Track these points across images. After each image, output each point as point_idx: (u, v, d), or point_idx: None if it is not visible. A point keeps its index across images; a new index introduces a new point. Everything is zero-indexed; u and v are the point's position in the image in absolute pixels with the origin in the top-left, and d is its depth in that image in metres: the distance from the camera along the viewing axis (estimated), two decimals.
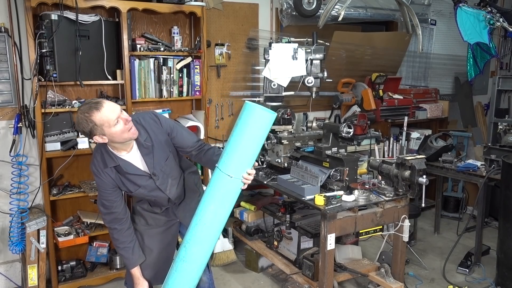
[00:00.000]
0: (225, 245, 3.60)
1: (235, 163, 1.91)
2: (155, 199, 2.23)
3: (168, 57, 3.38)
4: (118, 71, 3.17)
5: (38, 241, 2.93)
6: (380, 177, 2.83)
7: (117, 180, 2.09)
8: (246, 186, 1.96)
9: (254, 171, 1.96)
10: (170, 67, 3.38)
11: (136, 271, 2.22)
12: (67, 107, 3.03)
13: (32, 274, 2.95)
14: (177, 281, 2.03)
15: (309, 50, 3.11)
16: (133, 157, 2.09)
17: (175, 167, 2.23)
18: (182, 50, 3.44)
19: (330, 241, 2.48)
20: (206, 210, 1.96)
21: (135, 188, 2.13)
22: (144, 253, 2.25)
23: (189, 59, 3.45)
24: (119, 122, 1.92)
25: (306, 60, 3.10)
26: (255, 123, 1.88)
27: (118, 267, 3.34)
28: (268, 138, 3.27)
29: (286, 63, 3.06)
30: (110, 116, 1.89)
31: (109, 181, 2.07)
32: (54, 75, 2.89)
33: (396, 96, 4.51)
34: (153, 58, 3.31)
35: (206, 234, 1.99)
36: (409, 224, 2.79)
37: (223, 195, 1.96)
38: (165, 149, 2.15)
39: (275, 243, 3.30)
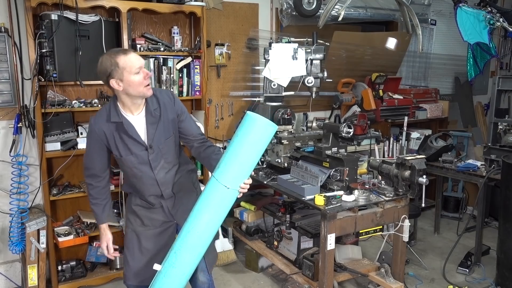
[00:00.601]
0: (225, 245, 3.60)
1: (233, 174, 1.89)
2: (141, 177, 2.15)
3: (168, 57, 3.38)
4: None
5: (38, 241, 2.93)
6: (380, 177, 2.83)
7: (112, 139, 2.07)
8: (241, 195, 1.95)
9: (250, 181, 1.95)
10: (170, 67, 3.38)
11: (103, 225, 2.26)
12: (67, 107, 3.03)
13: (32, 274, 2.95)
14: (164, 286, 2.00)
15: (309, 50, 3.11)
16: (138, 121, 2.08)
17: (172, 152, 2.19)
18: (182, 50, 3.44)
19: (330, 241, 2.48)
20: (199, 219, 1.94)
21: (127, 153, 2.09)
22: (140, 254, 2.23)
23: (189, 59, 3.45)
24: (140, 73, 1.95)
25: (306, 60, 3.11)
26: (256, 135, 1.85)
27: (118, 267, 3.34)
28: None
29: (286, 63, 3.07)
30: (135, 63, 1.94)
31: (100, 134, 2.06)
32: (54, 75, 2.89)
33: (396, 96, 4.51)
34: (153, 58, 3.31)
35: (197, 242, 1.97)
36: (409, 224, 2.79)
37: (218, 205, 1.94)
38: (169, 128, 2.13)
39: (275, 243, 3.30)
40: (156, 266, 2.04)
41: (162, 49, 3.33)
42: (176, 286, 2.02)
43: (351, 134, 2.85)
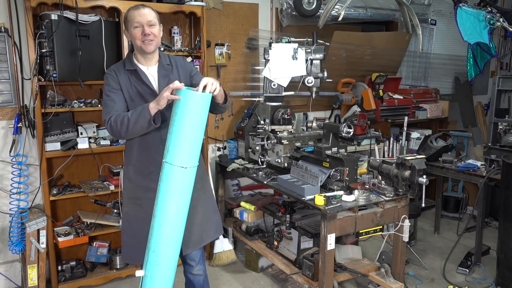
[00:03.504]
0: (225, 245, 3.60)
1: (186, 152, 1.88)
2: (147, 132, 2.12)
3: None
4: None
5: (38, 241, 2.93)
6: (380, 177, 2.83)
7: (125, 82, 2.16)
8: (216, 90, 1.97)
9: (207, 80, 1.93)
10: None
11: (149, 104, 2.00)
12: (67, 107, 3.03)
13: (32, 274, 2.95)
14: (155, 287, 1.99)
15: (309, 50, 3.11)
16: (150, 72, 2.20)
17: None
18: (182, 50, 3.44)
19: (330, 241, 2.48)
20: (168, 210, 1.92)
21: (138, 97, 2.15)
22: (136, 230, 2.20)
23: (189, 59, 3.44)
24: (137, 28, 2.10)
25: (306, 60, 3.11)
26: (194, 108, 1.88)
27: (118, 267, 3.34)
28: (268, 138, 3.27)
29: (286, 63, 3.06)
30: (135, 18, 2.10)
31: (115, 81, 2.16)
32: (54, 75, 2.88)
33: (396, 96, 4.51)
34: None
35: (173, 232, 1.95)
36: (409, 224, 2.79)
37: (181, 188, 1.92)
38: (181, 81, 2.10)
39: (275, 243, 3.30)
40: (139, 273, 2.02)
41: (162, 49, 3.33)
42: (166, 283, 2.02)
43: (351, 134, 2.85)
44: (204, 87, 1.93)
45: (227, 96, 2.22)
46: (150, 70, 2.21)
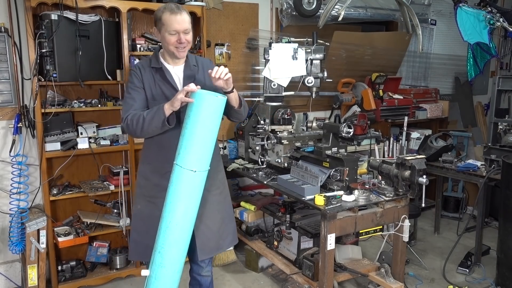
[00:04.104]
0: None
1: (196, 156, 1.86)
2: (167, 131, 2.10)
3: None
4: (118, 71, 3.17)
5: (38, 241, 2.93)
6: (380, 177, 2.83)
7: (148, 82, 2.15)
8: (228, 76, 2.00)
9: (226, 69, 2.00)
10: None
11: (164, 105, 2.00)
12: (67, 107, 3.03)
13: (32, 274, 2.95)
14: None
15: (309, 50, 3.11)
16: (176, 72, 2.19)
17: None
18: None
19: (330, 241, 2.48)
20: (176, 212, 1.91)
21: (161, 96, 2.13)
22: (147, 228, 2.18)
23: None
24: (174, 35, 2.05)
25: (306, 60, 3.11)
26: (207, 111, 1.85)
27: (118, 267, 3.34)
28: (268, 138, 3.27)
29: (286, 63, 3.06)
30: (173, 24, 2.04)
31: (138, 78, 2.14)
32: (54, 75, 2.89)
33: (396, 96, 4.51)
34: None
35: (180, 234, 1.94)
36: (409, 224, 2.79)
37: (190, 192, 1.91)
38: (205, 85, 2.11)
39: (275, 243, 3.30)
40: (144, 272, 2.02)
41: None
42: (171, 284, 2.01)
43: (351, 134, 2.85)
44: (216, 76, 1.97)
45: (242, 101, 2.19)
46: (176, 69, 2.20)
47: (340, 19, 3.32)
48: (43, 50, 2.84)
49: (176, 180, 1.90)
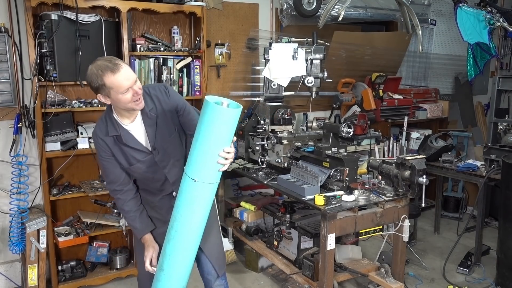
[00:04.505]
0: (225, 245, 3.59)
1: (198, 166, 1.76)
2: (152, 177, 2.09)
3: (168, 57, 3.38)
4: None
5: (38, 241, 2.93)
6: (380, 177, 2.83)
7: (115, 151, 2.00)
8: (225, 167, 1.77)
9: (233, 149, 1.77)
10: (170, 67, 3.38)
11: (146, 237, 2.10)
12: (67, 107, 3.03)
13: (32, 274, 2.95)
14: None
15: (309, 50, 3.11)
16: (136, 128, 2.00)
17: (179, 147, 2.10)
18: (182, 50, 3.44)
19: (330, 241, 2.48)
20: (181, 220, 1.86)
21: (133, 161, 2.02)
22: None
23: (189, 59, 3.45)
24: (129, 92, 1.84)
25: (306, 60, 3.11)
26: (220, 123, 1.69)
27: (118, 267, 3.34)
28: (268, 138, 3.27)
29: (286, 63, 3.06)
30: (123, 83, 1.82)
31: (106, 149, 2.00)
32: (54, 75, 2.89)
33: (396, 96, 4.51)
34: (153, 58, 3.31)
35: (184, 244, 1.91)
36: (409, 224, 2.79)
37: (197, 201, 1.83)
38: (170, 124, 2.03)
39: (275, 243, 3.30)
40: (150, 268, 2.05)
41: (162, 49, 3.33)
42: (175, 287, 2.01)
43: (351, 134, 2.85)
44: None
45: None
46: (135, 125, 2.00)
47: (340, 19, 3.32)
48: (43, 50, 2.84)
49: (181, 186, 1.86)
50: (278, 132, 3.31)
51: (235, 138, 1.81)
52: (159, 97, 2.01)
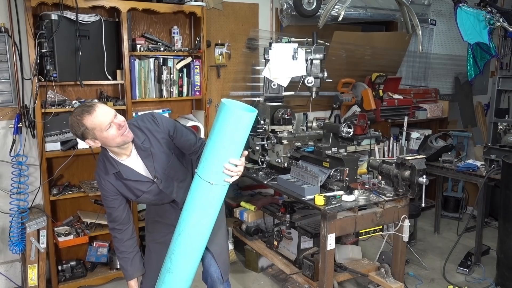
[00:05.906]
0: None
1: (216, 169, 1.75)
2: (162, 202, 2.17)
3: (168, 57, 3.38)
4: (118, 71, 3.17)
5: (38, 241, 2.93)
6: (380, 177, 2.83)
7: (120, 187, 2.04)
8: (233, 179, 1.80)
9: (241, 162, 1.78)
10: (170, 67, 3.38)
11: (131, 283, 2.17)
12: (67, 107, 3.03)
13: (32, 274, 2.95)
14: None
15: (309, 50, 3.11)
16: (134, 161, 2.03)
17: (180, 169, 2.14)
18: (182, 50, 3.44)
19: (330, 241, 2.48)
20: (188, 220, 1.87)
21: (140, 193, 2.07)
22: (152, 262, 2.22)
23: (189, 59, 3.45)
24: (112, 127, 1.85)
25: (306, 60, 3.11)
26: (234, 125, 1.70)
27: (118, 267, 3.33)
28: (268, 138, 3.27)
29: (286, 63, 3.06)
30: (103, 120, 1.83)
31: (110, 189, 2.02)
32: (54, 75, 2.89)
33: (396, 96, 4.51)
34: (153, 58, 3.31)
35: (190, 244, 1.92)
36: (409, 224, 2.79)
37: (205, 203, 1.84)
38: (166, 150, 2.05)
39: (275, 243, 3.30)
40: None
41: (162, 49, 3.33)
42: None
43: (351, 134, 2.85)
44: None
45: None
46: (133, 159, 2.02)
47: (340, 19, 3.32)
48: (43, 50, 2.84)
49: (193, 189, 1.85)
50: (278, 132, 3.31)
51: (246, 152, 1.83)
52: (148, 127, 2.02)
